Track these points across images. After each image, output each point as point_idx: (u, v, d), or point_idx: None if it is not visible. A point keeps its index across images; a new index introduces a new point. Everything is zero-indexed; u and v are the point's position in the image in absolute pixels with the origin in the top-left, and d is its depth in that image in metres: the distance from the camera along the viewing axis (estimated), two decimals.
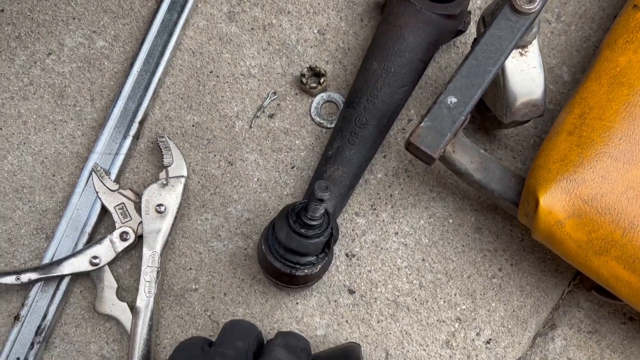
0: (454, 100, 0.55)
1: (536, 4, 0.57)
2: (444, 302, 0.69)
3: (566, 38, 0.77)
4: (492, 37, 0.56)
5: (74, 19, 0.78)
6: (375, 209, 0.71)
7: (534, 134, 0.73)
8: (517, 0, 0.57)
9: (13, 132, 0.74)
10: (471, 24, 0.75)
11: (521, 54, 0.61)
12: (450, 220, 0.71)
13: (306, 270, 0.62)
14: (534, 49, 0.61)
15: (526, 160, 0.72)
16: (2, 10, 0.78)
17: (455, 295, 0.69)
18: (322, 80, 0.74)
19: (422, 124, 0.55)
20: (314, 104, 0.75)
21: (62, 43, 0.77)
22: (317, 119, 0.74)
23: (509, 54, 0.57)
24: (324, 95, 0.75)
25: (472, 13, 0.76)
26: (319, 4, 0.78)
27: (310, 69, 0.75)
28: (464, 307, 0.69)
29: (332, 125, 0.74)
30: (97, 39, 0.77)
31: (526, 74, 0.61)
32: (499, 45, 0.56)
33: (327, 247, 0.62)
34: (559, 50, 0.77)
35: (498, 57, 0.56)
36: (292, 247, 0.60)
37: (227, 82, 0.76)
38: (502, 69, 0.61)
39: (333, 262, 0.69)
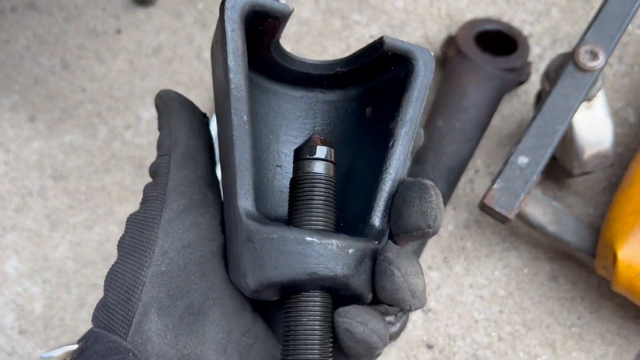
0: (525, 160, 0.56)
1: (600, 60, 0.58)
2: (524, 353, 0.69)
3: (630, 80, 0.77)
4: (558, 95, 0.57)
5: (148, 93, 0.83)
6: (448, 262, 0.73)
7: (603, 178, 0.73)
8: (581, 58, 0.58)
9: (99, 203, 0.79)
10: (532, 73, 0.76)
11: (587, 107, 0.62)
12: (525, 270, 0.71)
13: None
14: (600, 101, 0.62)
15: (598, 206, 0.72)
16: (85, 90, 0.83)
17: (534, 346, 0.69)
18: None
19: (495, 186, 0.57)
20: None
21: (139, 117, 0.82)
22: None
23: (576, 111, 0.58)
24: None
25: (532, 62, 0.77)
26: None
27: None
28: (544, 357, 0.69)
29: None
30: None
31: (594, 126, 0.62)
32: (566, 104, 0.57)
33: None
34: (623, 92, 0.77)
35: (565, 115, 0.57)
36: None
37: None
38: (570, 122, 0.62)
39: (410, 317, 0.71)
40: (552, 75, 0.61)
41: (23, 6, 0.88)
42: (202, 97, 0.82)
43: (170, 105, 0.39)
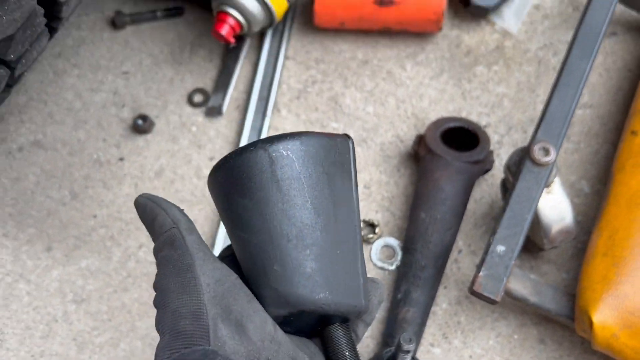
0: (502, 248, 0.66)
1: (552, 156, 0.68)
2: None
3: (579, 155, 0.88)
4: (521, 189, 0.68)
5: None
6: (447, 337, 0.81)
7: (570, 246, 0.83)
8: (536, 154, 0.68)
9: (121, 321, 0.85)
10: (495, 161, 0.87)
11: (547, 192, 0.72)
12: (515, 336, 0.80)
13: None
14: (556, 185, 0.72)
15: (569, 270, 0.82)
16: (95, 216, 0.91)
17: None
18: (376, 230, 0.86)
19: (480, 273, 0.66)
20: (373, 251, 0.86)
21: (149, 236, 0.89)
22: (379, 264, 0.85)
23: (539, 199, 0.68)
24: (380, 241, 0.86)
25: (493, 149, 0.88)
26: (359, 163, 0.91)
27: (364, 221, 0.86)
28: None
29: (393, 267, 0.84)
30: None
31: (555, 208, 0.72)
32: (529, 195, 0.67)
33: None
34: (575, 167, 0.88)
35: (530, 205, 0.67)
36: None
37: None
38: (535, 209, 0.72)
39: None
40: (513, 169, 0.72)
41: (29, 145, 0.95)
42: (206, 211, 0.90)
43: (154, 199, 0.49)
